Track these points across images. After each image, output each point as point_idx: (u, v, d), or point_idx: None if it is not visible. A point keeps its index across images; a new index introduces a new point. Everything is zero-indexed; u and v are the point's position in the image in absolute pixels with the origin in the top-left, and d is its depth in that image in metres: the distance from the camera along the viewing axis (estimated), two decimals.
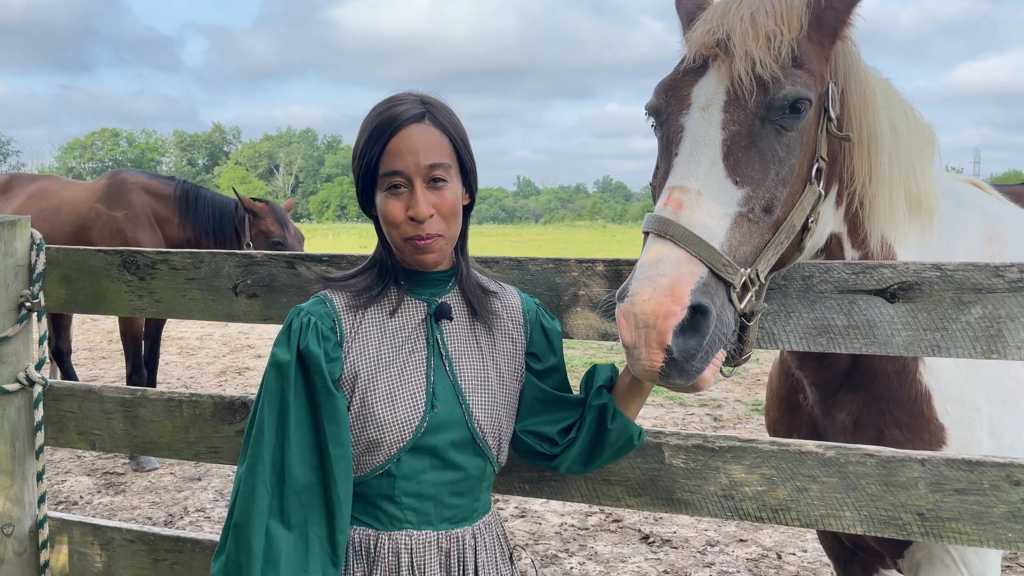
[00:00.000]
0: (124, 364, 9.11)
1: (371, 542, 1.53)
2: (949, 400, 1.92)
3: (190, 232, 6.15)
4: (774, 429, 2.29)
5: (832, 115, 1.65)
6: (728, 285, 1.45)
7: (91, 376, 8.60)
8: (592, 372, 1.66)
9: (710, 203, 1.49)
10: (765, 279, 1.54)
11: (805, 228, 1.61)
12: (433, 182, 1.49)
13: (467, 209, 1.61)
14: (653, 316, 1.37)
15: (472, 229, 1.68)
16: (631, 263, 1.74)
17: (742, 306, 1.48)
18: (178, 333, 11.55)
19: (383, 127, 1.49)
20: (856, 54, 1.76)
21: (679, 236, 1.44)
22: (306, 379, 1.48)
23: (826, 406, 2.06)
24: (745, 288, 1.49)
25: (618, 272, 1.76)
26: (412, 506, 1.52)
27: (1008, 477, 1.54)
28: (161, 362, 9.45)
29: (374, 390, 1.51)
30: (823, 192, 1.65)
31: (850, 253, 1.86)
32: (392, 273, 1.58)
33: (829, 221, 1.79)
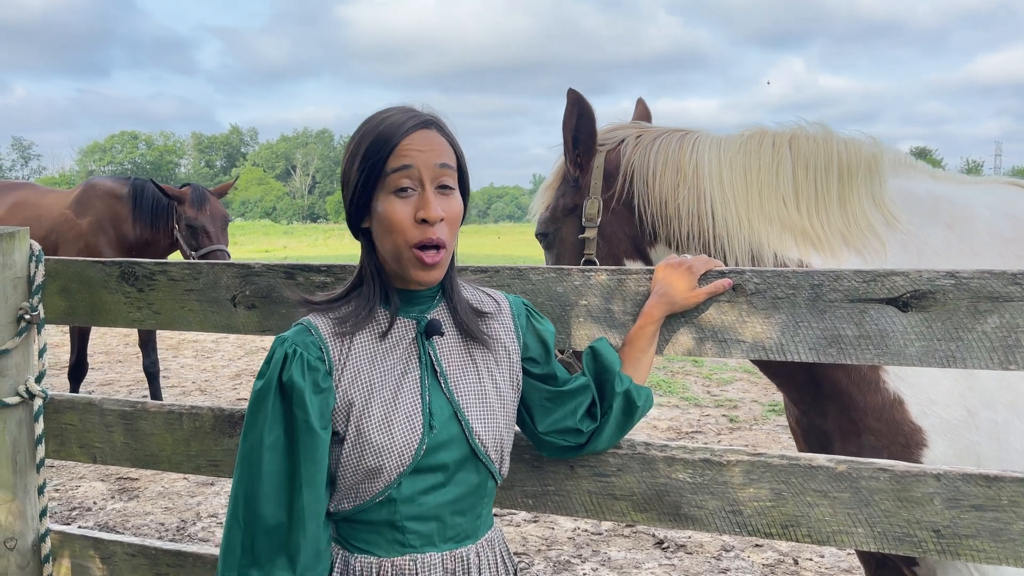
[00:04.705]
0: (139, 368, 9.18)
1: (373, 570, 1.46)
2: (929, 403, 1.92)
3: (139, 229, 6.36)
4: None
5: (583, 224, 2.28)
6: None
7: (107, 380, 8.65)
8: (598, 356, 1.66)
9: None
10: None
11: None
12: (441, 188, 1.46)
13: None
14: None
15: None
16: (636, 272, 1.71)
17: None
18: (193, 336, 11.61)
19: (393, 129, 1.44)
20: (642, 157, 2.25)
21: None
22: (286, 413, 1.41)
23: (810, 417, 2.13)
24: None
25: (620, 281, 1.71)
26: (415, 529, 1.46)
27: None
28: (177, 365, 9.50)
29: (369, 417, 1.44)
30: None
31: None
32: (382, 293, 1.52)
33: None
